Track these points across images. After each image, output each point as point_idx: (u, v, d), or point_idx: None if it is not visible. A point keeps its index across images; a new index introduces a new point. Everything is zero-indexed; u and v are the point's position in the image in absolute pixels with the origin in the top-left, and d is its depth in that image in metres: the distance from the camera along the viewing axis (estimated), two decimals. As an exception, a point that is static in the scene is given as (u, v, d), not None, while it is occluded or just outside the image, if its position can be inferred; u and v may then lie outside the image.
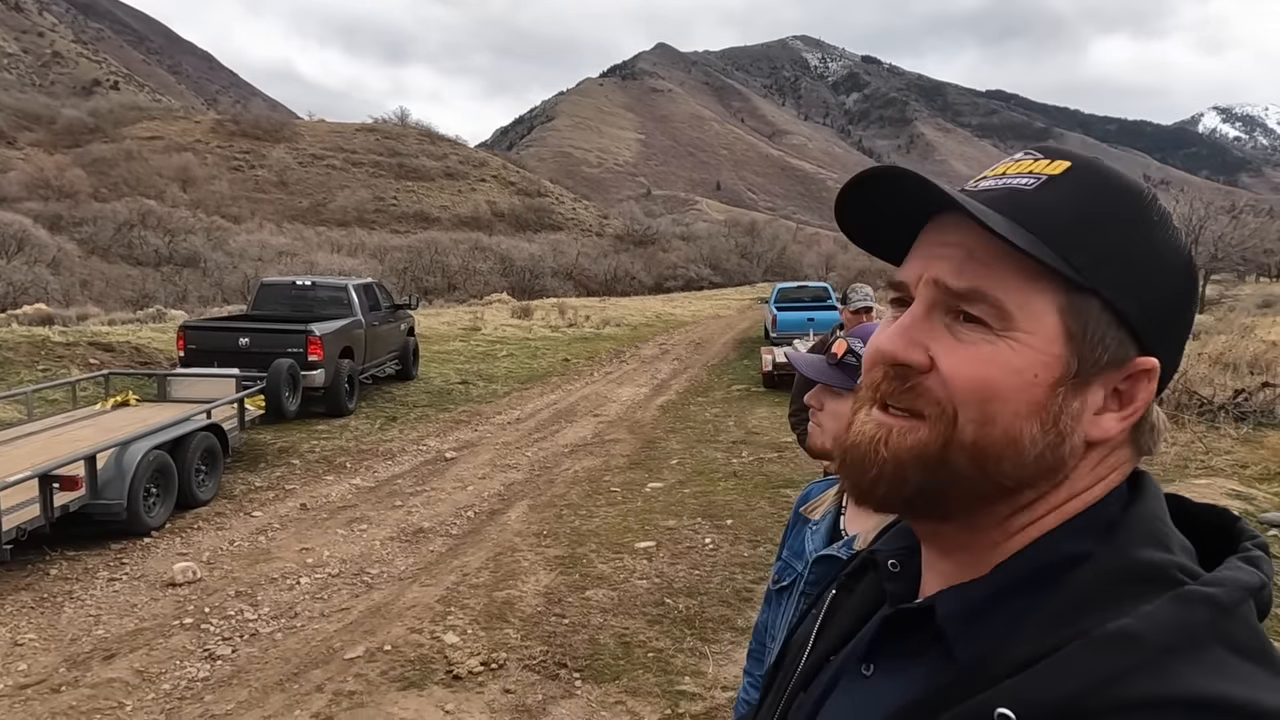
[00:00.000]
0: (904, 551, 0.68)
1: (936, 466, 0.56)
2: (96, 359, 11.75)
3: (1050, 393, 0.54)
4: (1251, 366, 10.65)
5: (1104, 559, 0.54)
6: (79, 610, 4.70)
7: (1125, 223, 0.55)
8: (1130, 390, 0.56)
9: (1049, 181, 0.56)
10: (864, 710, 0.60)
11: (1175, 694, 0.46)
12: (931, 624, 0.58)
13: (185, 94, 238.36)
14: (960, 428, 0.55)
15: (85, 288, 35.94)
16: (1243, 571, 0.52)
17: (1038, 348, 0.54)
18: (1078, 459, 0.56)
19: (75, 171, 75.80)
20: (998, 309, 0.54)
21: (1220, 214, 33.94)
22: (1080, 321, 0.54)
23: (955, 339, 0.56)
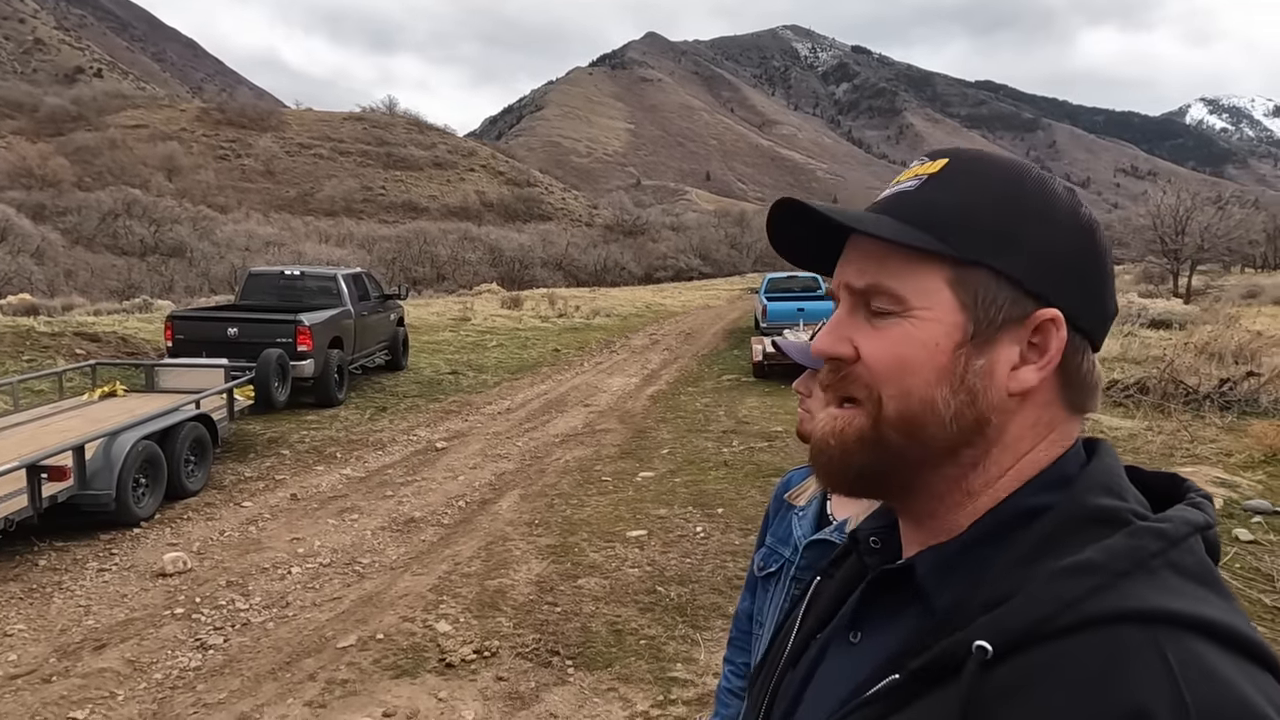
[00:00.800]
0: (883, 529, 0.72)
1: (874, 445, 0.63)
2: (83, 349, 11.65)
3: (952, 357, 0.61)
4: (1236, 356, 10.76)
5: (1063, 508, 0.59)
6: (68, 601, 4.68)
7: (997, 198, 0.62)
8: (1043, 341, 0.61)
9: (928, 179, 0.64)
10: (852, 672, 0.63)
11: (1130, 608, 0.51)
12: (912, 582, 0.63)
13: (170, 82, 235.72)
14: (885, 405, 0.62)
15: (70, 278, 35.62)
16: (1189, 512, 0.58)
17: (935, 319, 0.61)
18: (1007, 415, 0.62)
19: (58, 160, 74.98)
20: (893, 296, 0.62)
21: (1206, 205, 34.15)
22: (970, 290, 0.61)
23: (872, 328, 0.63)
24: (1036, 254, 0.61)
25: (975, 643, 0.53)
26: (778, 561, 1.48)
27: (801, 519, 1.48)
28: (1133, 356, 11.82)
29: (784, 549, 1.48)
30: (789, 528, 1.49)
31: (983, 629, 0.54)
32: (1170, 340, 12.85)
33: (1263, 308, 23.33)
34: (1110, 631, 0.51)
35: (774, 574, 1.48)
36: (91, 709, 3.59)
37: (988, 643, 0.53)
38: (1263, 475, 6.48)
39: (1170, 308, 20.34)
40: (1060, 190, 0.64)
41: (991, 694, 0.52)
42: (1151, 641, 0.50)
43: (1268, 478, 6.45)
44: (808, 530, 1.45)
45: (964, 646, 0.54)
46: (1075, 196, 0.64)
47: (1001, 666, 0.52)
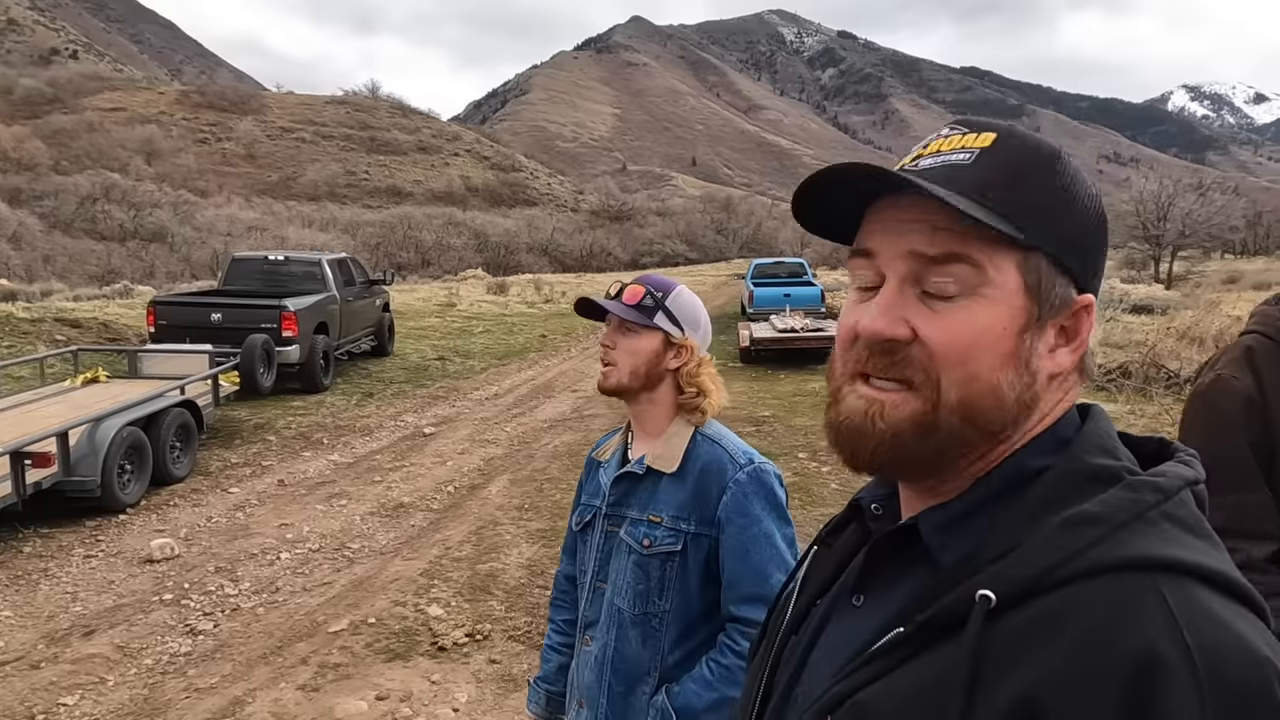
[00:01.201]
0: (884, 497, 0.73)
1: (931, 430, 0.61)
2: (64, 335, 11.51)
3: (1019, 340, 0.62)
4: (1217, 341, 10.89)
5: (1063, 466, 0.61)
6: (55, 587, 4.65)
7: (1054, 185, 0.63)
8: (1074, 325, 0.64)
9: (981, 155, 0.63)
10: (858, 632, 0.64)
11: (1130, 557, 0.54)
12: (916, 543, 0.64)
13: (148, 64, 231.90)
14: (945, 391, 0.61)
15: (48, 263, 35.12)
16: (1180, 468, 0.60)
17: (1004, 302, 0.61)
18: (1047, 397, 0.64)
19: (34, 143, 73.69)
20: (975, 267, 0.61)
21: (1188, 191, 34.47)
22: (1034, 275, 0.62)
23: (930, 310, 0.62)
24: (1080, 241, 0.64)
25: (979, 592, 0.55)
26: (591, 512, 1.61)
27: (607, 468, 1.61)
28: (1115, 341, 11.94)
29: (595, 500, 1.60)
30: (597, 481, 1.63)
31: (987, 580, 0.55)
32: (1152, 325, 12.99)
33: (1242, 293, 23.62)
34: (1113, 579, 0.53)
35: (589, 523, 1.61)
36: (82, 695, 3.58)
37: (992, 592, 0.54)
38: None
39: (1152, 293, 20.56)
40: (1084, 174, 0.66)
41: (1000, 643, 0.53)
42: (1152, 587, 0.52)
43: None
44: (613, 476, 1.58)
45: (969, 598, 0.55)
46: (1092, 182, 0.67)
47: (1008, 616, 0.54)
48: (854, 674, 0.60)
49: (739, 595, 1.46)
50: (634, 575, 1.50)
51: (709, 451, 1.53)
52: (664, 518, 1.49)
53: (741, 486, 1.49)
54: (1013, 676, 0.52)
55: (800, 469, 6.86)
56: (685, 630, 1.50)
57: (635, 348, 1.55)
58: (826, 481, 6.49)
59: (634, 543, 1.51)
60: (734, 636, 1.47)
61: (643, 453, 1.56)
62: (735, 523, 1.47)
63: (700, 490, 1.49)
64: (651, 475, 1.53)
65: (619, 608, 1.51)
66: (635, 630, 1.50)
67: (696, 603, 1.50)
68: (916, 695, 0.56)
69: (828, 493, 6.22)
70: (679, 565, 1.48)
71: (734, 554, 1.47)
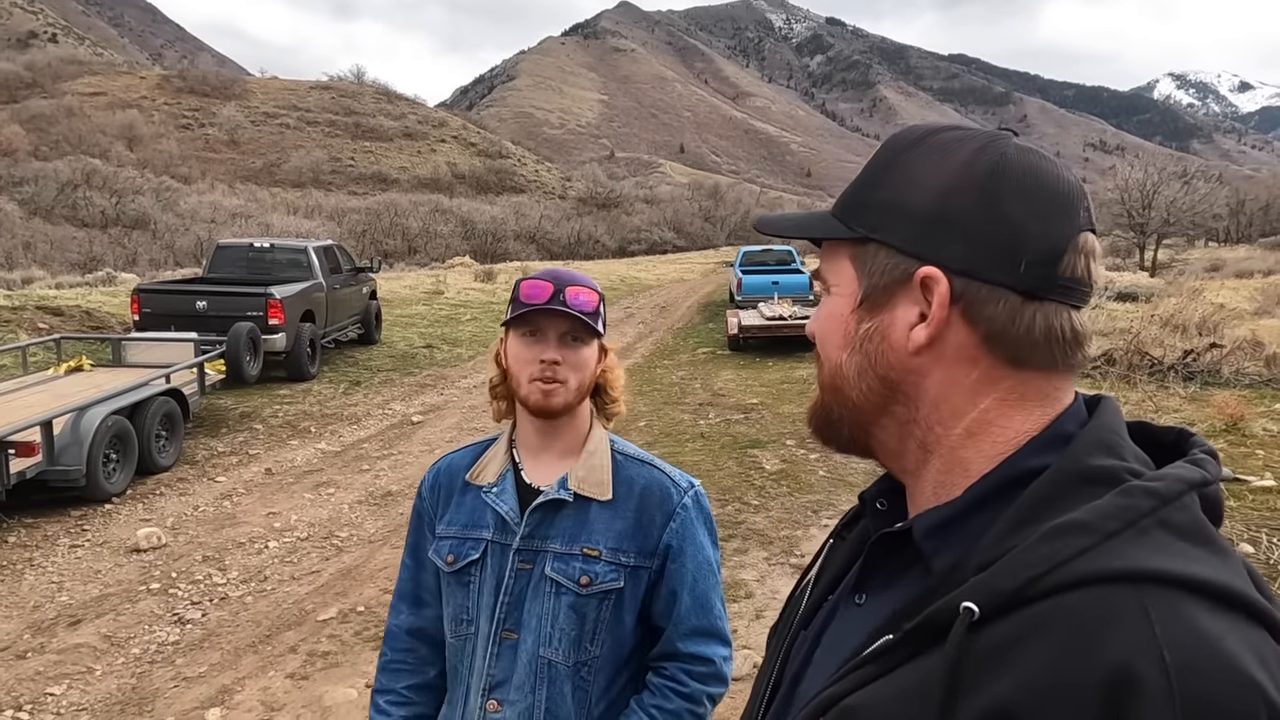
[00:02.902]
0: (890, 492, 0.73)
1: (819, 406, 0.71)
2: (45, 323, 11.38)
3: (845, 322, 0.67)
4: (1200, 328, 11.01)
5: (1058, 467, 0.59)
6: (41, 577, 4.62)
7: (883, 174, 0.67)
8: (930, 299, 0.63)
9: (864, 167, 0.71)
10: (855, 632, 0.64)
11: (1118, 569, 0.51)
12: (912, 545, 0.64)
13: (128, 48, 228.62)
14: (820, 373, 0.71)
15: (28, 250, 34.63)
16: (1184, 469, 0.57)
17: (843, 293, 0.68)
18: (917, 373, 0.64)
19: (13, 128, 72.60)
20: (822, 277, 0.71)
21: (1172, 179, 34.67)
22: (862, 261, 0.66)
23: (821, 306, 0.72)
24: (914, 217, 0.64)
25: (963, 604, 0.53)
26: (479, 547, 1.35)
27: (500, 493, 1.36)
28: (1099, 329, 12.03)
29: (483, 531, 1.35)
30: (483, 508, 1.37)
31: (972, 590, 0.54)
32: (1136, 313, 13.10)
33: (1225, 281, 23.86)
34: (1097, 592, 0.51)
35: (475, 561, 1.34)
36: (69, 684, 3.56)
37: (975, 604, 0.53)
38: (1224, 444, 6.66)
39: (1136, 281, 20.73)
40: (957, 144, 0.64)
41: (980, 654, 0.52)
42: (1137, 601, 0.50)
43: (1229, 446, 6.63)
44: (513, 503, 1.35)
45: (953, 608, 0.54)
46: (984, 144, 0.63)
47: (990, 628, 0.53)
48: (846, 678, 0.60)
49: (686, 630, 1.34)
50: (568, 620, 1.30)
51: (643, 474, 1.38)
52: (602, 550, 1.31)
53: (688, 512, 1.36)
54: (989, 688, 0.51)
55: (788, 456, 6.89)
56: (612, 676, 1.35)
57: (584, 360, 1.35)
58: (815, 469, 6.53)
59: (568, 581, 1.30)
60: (679, 676, 1.34)
61: (549, 473, 1.37)
62: (685, 551, 1.34)
63: (641, 518, 1.34)
64: (579, 502, 1.33)
65: (548, 660, 1.30)
66: (568, 684, 1.30)
67: (628, 643, 1.35)
68: (898, 703, 0.55)
69: (815, 480, 6.25)
70: (613, 604, 1.31)
71: (681, 585, 1.34)
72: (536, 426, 1.39)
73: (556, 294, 1.32)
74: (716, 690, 1.37)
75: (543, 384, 1.32)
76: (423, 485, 1.48)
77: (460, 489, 1.41)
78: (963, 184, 0.62)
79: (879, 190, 0.67)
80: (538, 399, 1.33)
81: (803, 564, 4.72)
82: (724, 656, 1.38)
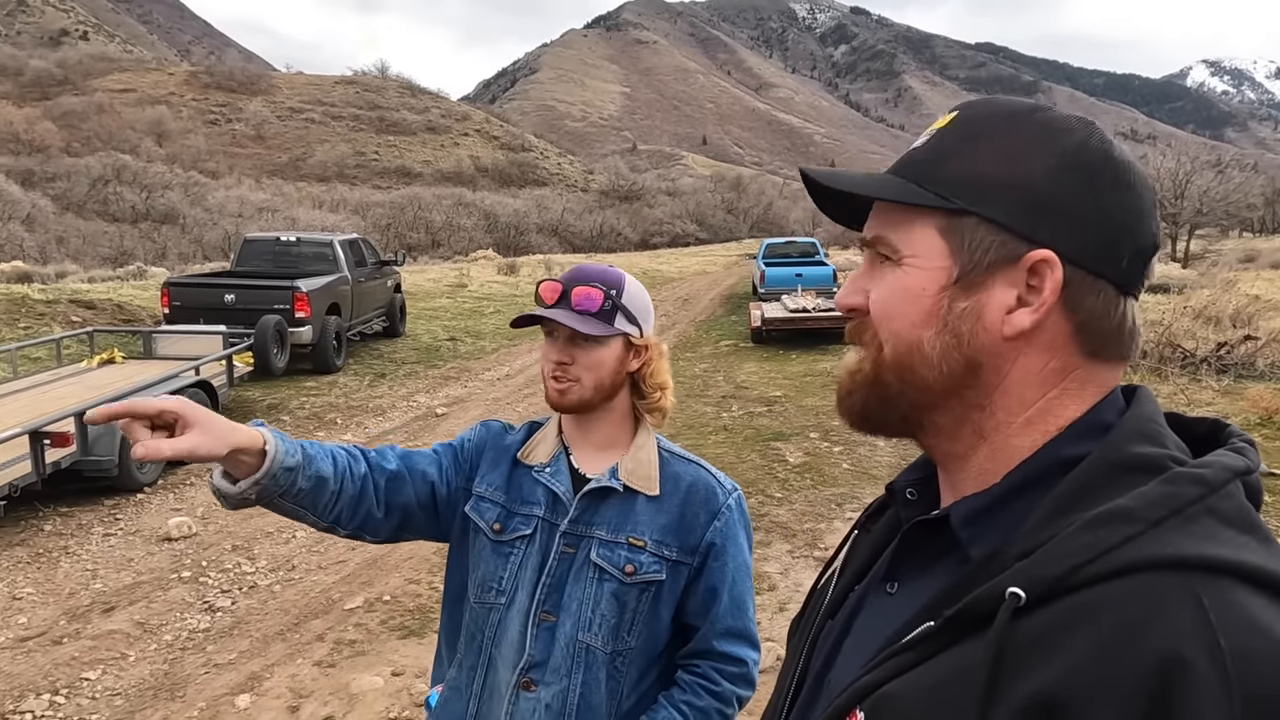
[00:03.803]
0: (920, 481, 0.73)
1: (873, 385, 0.66)
2: (79, 316, 11.60)
3: (936, 300, 0.63)
4: (1234, 320, 10.80)
5: (1099, 455, 0.58)
6: (75, 565, 4.72)
7: (984, 145, 0.63)
8: (1039, 284, 0.61)
9: (936, 134, 0.66)
10: (889, 621, 0.64)
11: (1167, 556, 0.50)
12: (947, 532, 0.64)
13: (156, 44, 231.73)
14: (883, 350, 0.65)
15: (61, 245, 35.30)
16: (1228, 457, 0.57)
17: (924, 266, 0.63)
18: (1005, 359, 0.62)
19: (45, 125, 73.93)
20: (889, 245, 0.65)
21: (1205, 169, 34.00)
22: (958, 236, 0.62)
23: (877, 277, 0.66)
24: (1024, 196, 0.61)
25: (1008, 589, 0.53)
26: (531, 524, 1.35)
27: (554, 474, 1.37)
28: (1130, 321, 11.84)
29: (534, 508, 1.35)
30: (533, 485, 1.37)
31: (1016, 576, 0.53)
32: (1168, 305, 12.87)
33: (1260, 272, 23.35)
34: (1145, 579, 0.50)
35: (526, 536, 1.34)
36: (103, 669, 3.63)
37: (1021, 590, 0.52)
38: (1259, 438, 6.54)
39: (1168, 272, 20.35)
40: (1062, 128, 0.63)
41: (1024, 641, 0.52)
42: (1187, 588, 0.49)
43: (1263, 440, 6.50)
44: (567, 484, 1.36)
45: (997, 594, 0.53)
46: (1089, 131, 0.63)
47: (1035, 614, 0.52)
48: (883, 665, 0.60)
49: (721, 630, 1.35)
50: (610, 607, 1.30)
51: (689, 472, 1.40)
52: (647, 541, 1.32)
53: (731, 514, 1.37)
54: (1034, 675, 0.50)
55: (812, 449, 6.86)
56: (644, 670, 1.35)
57: (597, 360, 1.34)
58: (838, 462, 6.49)
59: (613, 568, 1.30)
60: (711, 674, 1.34)
61: (591, 463, 1.38)
62: (727, 551, 1.35)
63: (686, 515, 1.35)
64: (626, 493, 1.34)
65: (587, 645, 1.30)
66: (603, 672, 1.31)
67: (662, 639, 1.36)
68: (940, 690, 0.55)
69: (839, 473, 6.22)
70: (653, 596, 1.32)
71: (721, 584, 1.35)
72: (573, 421, 1.41)
73: (563, 296, 1.34)
74: (745, 692, 1.38)
75: (555, 382, 1.34)
76: (474, 433, 1.47)
77: (511, 460, 1.41)
78: (1075, 168, 0.61)
79: (977, 162, 0.63)
80: (552, 396, 1.36)
81: (826, 557, 4.70)
82: (754, 660, 1.39)
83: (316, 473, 1.22)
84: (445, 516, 1.41)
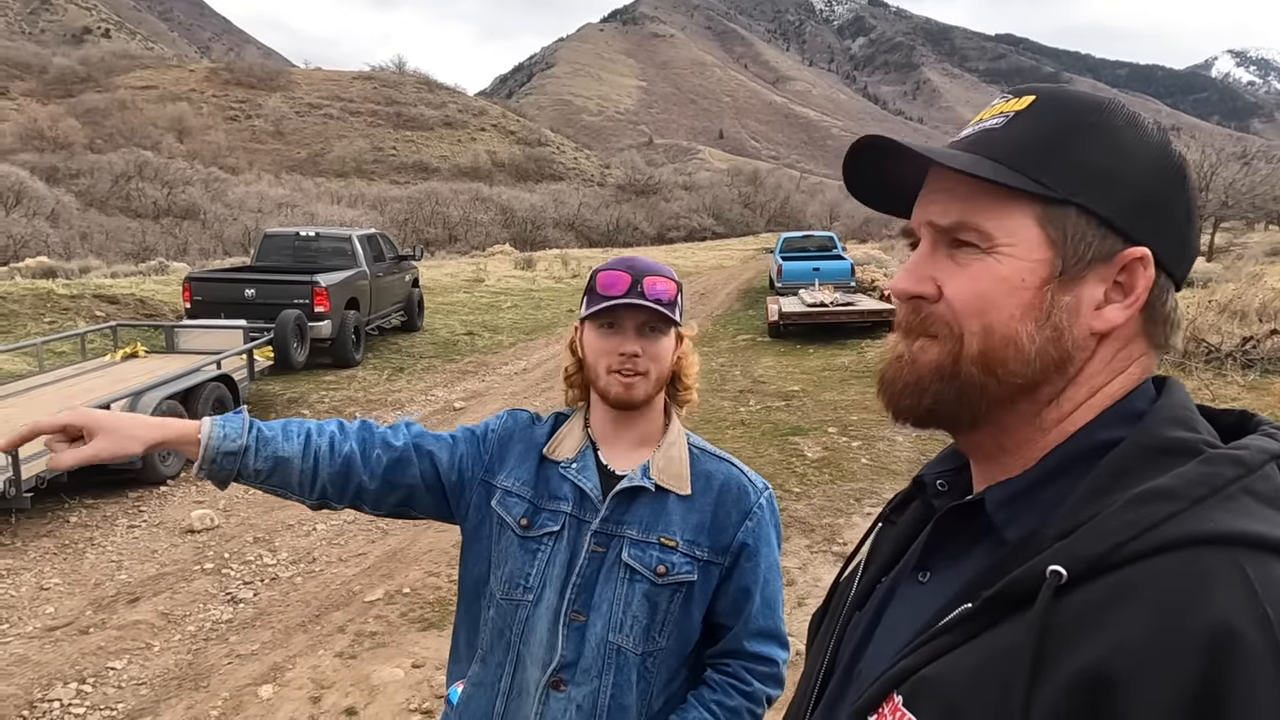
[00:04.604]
0: (950, 473, 0.73)
1: (950, 378, 0.63)
2: (102, 311, 11.75)
3: (1038, 293, 0.61)
4: (1260, 314, 10.62)
5: (1136, 439, 0.59)
6: (101, 556, 4.79)
7: (1086, 136, 0.61)
8: (1129, 281, 0.61)
9: (1016, 116, 0.64)
10: (923, 609, 0.64)
11: (1207, 532, 0.51)
12: (982, 518, 0.64)
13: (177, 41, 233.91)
14: (967, 342, 0.63)
15: (85, 240, 35.75)
16: (1264, 440, 0.58)
17: (1022, 256, 0.61)
18: (1087, 352, 0.62)
19: (69, 122, 74.80)
20: (980, 232, 0.62)
21: (1231, 160, 33.48)
22: (1059, 228, 0.61)
23: (956, 264, 0.63)
24: (1127, 192, 0.61)
25: (1049, 568, 0.53)
26: (559, 520, 1.32)
27: (582, 470, 1.34)
28: (1153, 315, 11.70)
29: (562, 504, 1.33)
30: (560, 480, 1.34)
31: (1057, 555, 0.54)
32: (1192, 298, 12.70)
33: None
34: (1189, 554, 0.51)
35: (554, 533, 1.32)
36: (129, 659, 3.69)
37: (1062, 568, 0.53)
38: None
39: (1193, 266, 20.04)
40: (1151, 128, 0.63)
41: (1068, 619, 0.52)
42: (1233, 563, 0.50)
43: (1290, 436, 6.41)
44: (595, 481, 1.32)
45: (1038, 573, 0.54)
46: (1165, 135, 0.63)
47: (1077, 592, 0.52)
48: (920, 650, 0.60)
49: (753, 630, 1.34)
50: (641, 608, 1.28)
51: (721, 470, 1.37)
52: (679, 541, 1.30)
53: (763, 512, 1.36)
54: (1080, 651, 0.51)
55: (830, 444, 6.83)
56: (675, 670, 1.33)
57: (664, 351, 1.33)
58: (857, 456, 6.46)
59: (644, 569, 1.28)
60: (741, 674, 1.33)
61: (623, 461, 1.36)
62: (760, 551, 1.34)
63: (719, 514, 1.33)
64: (657, 492, 1.32)
65: (618, 646, 1.28)
66: (634, 673, 1.29)
67: (692, 639, 1.34)
68: (982, 671, 0.55)
69: (858, 468, 6.19)
70: (684, 597, 1.30)
71: (754, 584, 1.33)
72: (612, 417, 1.36)
73: (634, 285, 1.29)
74: (775, 692, 1.37)
75: (622, 376, 1.30)
76: (499, 420, 1.45)
77: (536, 456, 1.38)
78: (1170, 169, 0.62)
79: (1083, 151, 0.61)
80: (618, 391, 1.30)
81: (845, 551, 4.68)
82: (784, 659, 1.39)
83: (274, 453, 1.28)
84: (454, 501, 1.40)
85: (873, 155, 0.67)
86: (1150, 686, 0.48)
